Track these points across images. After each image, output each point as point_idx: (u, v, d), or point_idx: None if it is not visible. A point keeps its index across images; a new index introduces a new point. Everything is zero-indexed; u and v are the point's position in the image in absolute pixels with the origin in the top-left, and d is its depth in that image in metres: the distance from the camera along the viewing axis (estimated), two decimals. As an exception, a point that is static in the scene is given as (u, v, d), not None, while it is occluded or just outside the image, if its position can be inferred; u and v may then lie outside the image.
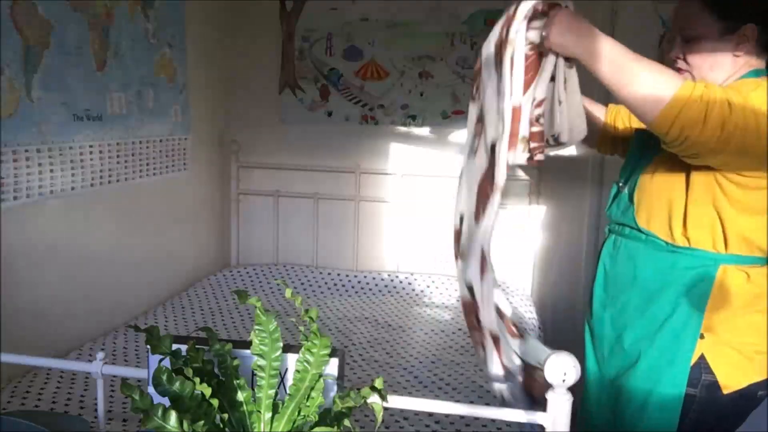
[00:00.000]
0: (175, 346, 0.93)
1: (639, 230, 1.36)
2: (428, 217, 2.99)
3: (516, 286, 2.87)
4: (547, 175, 2.84)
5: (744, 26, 1.25)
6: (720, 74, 1.29)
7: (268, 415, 0.92)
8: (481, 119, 1.30)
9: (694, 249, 1.28)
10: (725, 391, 1.27)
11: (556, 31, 1.16)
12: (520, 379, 1.25)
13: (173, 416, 0.83)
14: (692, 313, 1.28)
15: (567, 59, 1.20)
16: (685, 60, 1.31)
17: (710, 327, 1.27)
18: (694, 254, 1.28)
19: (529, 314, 2.60)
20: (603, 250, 1.49)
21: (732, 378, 1.27)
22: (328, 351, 0.94)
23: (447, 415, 1.69)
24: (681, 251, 1.29)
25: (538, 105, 1.19)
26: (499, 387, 1.29)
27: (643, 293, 1.34)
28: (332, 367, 0.97)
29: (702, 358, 1.27)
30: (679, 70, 1.31)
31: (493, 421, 1.66)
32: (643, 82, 1.14)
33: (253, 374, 0.94)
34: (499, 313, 1.31)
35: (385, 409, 0.94)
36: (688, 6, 1.30)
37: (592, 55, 1.15)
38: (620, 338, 1.39)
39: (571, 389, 0.99)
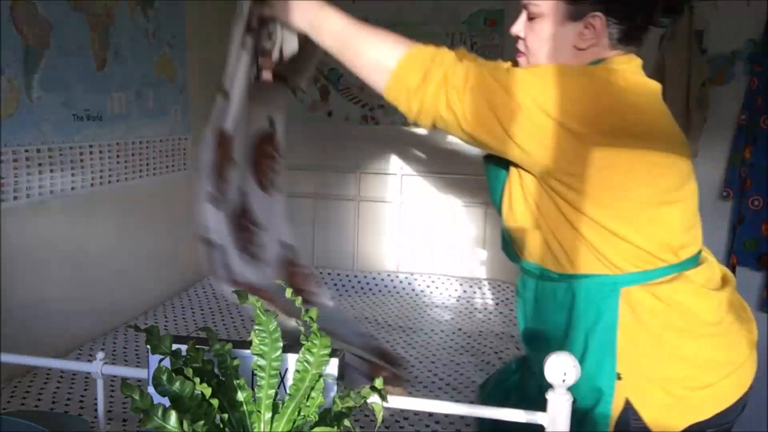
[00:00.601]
0: (175, 346, 0.93)
1: (528, 264, 1.17)
2: (428, 217, 2.99)
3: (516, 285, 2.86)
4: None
5: (591, 14, 1.07)
6: (551, 54, 1.10)
7: (268, 415, 0.92)
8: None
9: (586, 275, 1.06)
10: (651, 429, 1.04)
11: (280, 6, 1.09)
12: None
13: (173, 416, 0.83)
14: (603, 350, 1.05)
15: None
16: (525, 41, 1.13)
17: (626, 365, 1.04)
18: (589, 281, 1.05)
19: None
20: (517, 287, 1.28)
21: (665, 422, 1.04)
22: (328, 351, 0.94)
23: (447, 415, 1.69)
24: (574, 280, 1.07)
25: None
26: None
27: (555, 335, 1.11)
28: (332, 367, 0.97)
29: (628, 402, 1.05)
30: (517, 52, 1.15)
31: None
32: (370, 51, 1.06)
33: (253, 374, 0.94)
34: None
35: (385, 409, 0.94)
36: None
37: (316, 28, 1.11)
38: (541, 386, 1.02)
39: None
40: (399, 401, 1.03)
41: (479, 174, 3.05)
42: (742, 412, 1.12)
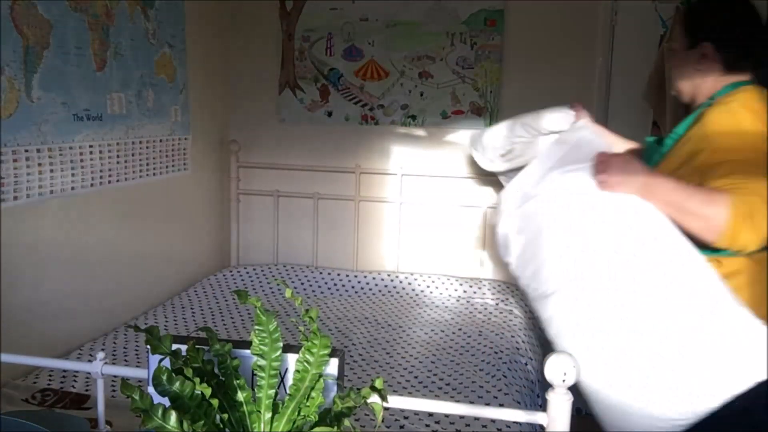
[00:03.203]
0: (175, 346, 0.93)
1: None
2: (428, 217, 2.99)
3: (516, 285, 2.87)
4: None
5: (702, 44, 1.46)
6: (689, 86, 1.52)
7: (268, 415, 0.92)
8: None
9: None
10: None
11: (615, 179, 1.36)
12: None
13: (173, 416, 0.83)
14: None
15: None
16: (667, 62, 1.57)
17: None
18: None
19: (530, 314, 2.60)
20: None
21: None
22: (328, 351, 0.94)
23: (447, 415, 1.69)
24: None
25: None
26: None
27: None
28: (332, 367, 0.97)
29: None
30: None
31: (493, 421, 1.66)
32: (697, 217, 1.31)
33: (253, 374, 0.94)
34: None
35: (385, 409, 0.94)
36: (675, 21, 1.62)
37: (649, 195, 1.35)
38: None
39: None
40: (399, 401, 1.03)
41: (479, 174, 3.05)
42: None
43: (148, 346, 0.93)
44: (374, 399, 0.92)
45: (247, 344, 0.96)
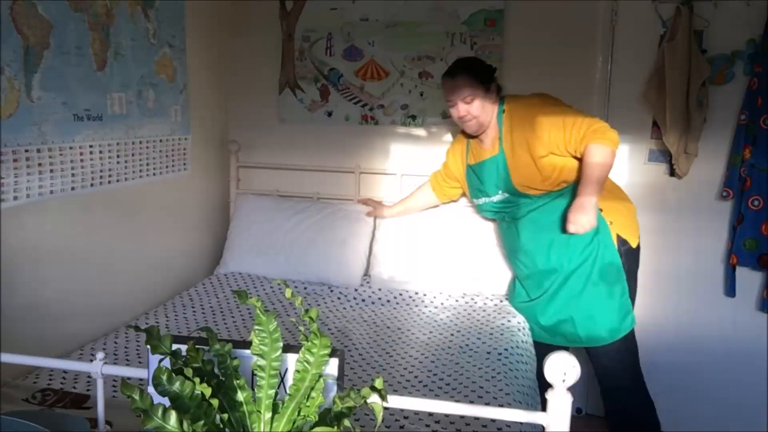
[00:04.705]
0: (175, 346, 0.94)
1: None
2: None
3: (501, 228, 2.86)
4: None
5: (491, 85, 2.33)
6: (488, 113, 2.33)
7: (268, 415, 0.92)
8: None
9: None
10: (633, 246, 2.30)
11: (584, 219, 2.15)
12: None
13: (173, 416, 0.83)
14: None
15: None
16: (469, 114, 2.31)
17: (611, 217, 2.26)
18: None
19: (529, 314, 2.59)
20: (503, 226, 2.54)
21: (633, 241, 2.30)
22: (328, 351, 0.94)
23: (447, 415, 1.69)
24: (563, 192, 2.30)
25: None
26: None
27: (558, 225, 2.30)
28: (332, 367, 0.97)
29: (618, 236, 2.27)
30: (465, 123, 2.36)
31: (493, 421, 1.66)
32: (606, 160, 2.17)
33: (253, 374, 0.94)
34: None
35: (385, 409, 0.94)
36: (462, 81, 2.29)
37: (598, 196, 2.17)
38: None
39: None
40: (399, 401, 1.03)
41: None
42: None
43: (148, 346, 0.93)
44: (374, 399, 0.92)
45: (247, 344, 0.96)
